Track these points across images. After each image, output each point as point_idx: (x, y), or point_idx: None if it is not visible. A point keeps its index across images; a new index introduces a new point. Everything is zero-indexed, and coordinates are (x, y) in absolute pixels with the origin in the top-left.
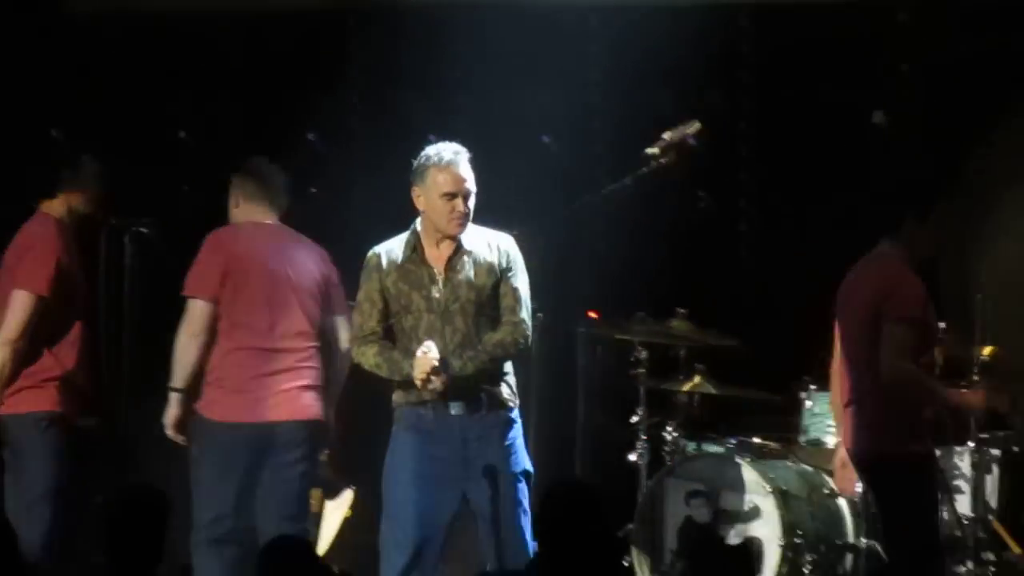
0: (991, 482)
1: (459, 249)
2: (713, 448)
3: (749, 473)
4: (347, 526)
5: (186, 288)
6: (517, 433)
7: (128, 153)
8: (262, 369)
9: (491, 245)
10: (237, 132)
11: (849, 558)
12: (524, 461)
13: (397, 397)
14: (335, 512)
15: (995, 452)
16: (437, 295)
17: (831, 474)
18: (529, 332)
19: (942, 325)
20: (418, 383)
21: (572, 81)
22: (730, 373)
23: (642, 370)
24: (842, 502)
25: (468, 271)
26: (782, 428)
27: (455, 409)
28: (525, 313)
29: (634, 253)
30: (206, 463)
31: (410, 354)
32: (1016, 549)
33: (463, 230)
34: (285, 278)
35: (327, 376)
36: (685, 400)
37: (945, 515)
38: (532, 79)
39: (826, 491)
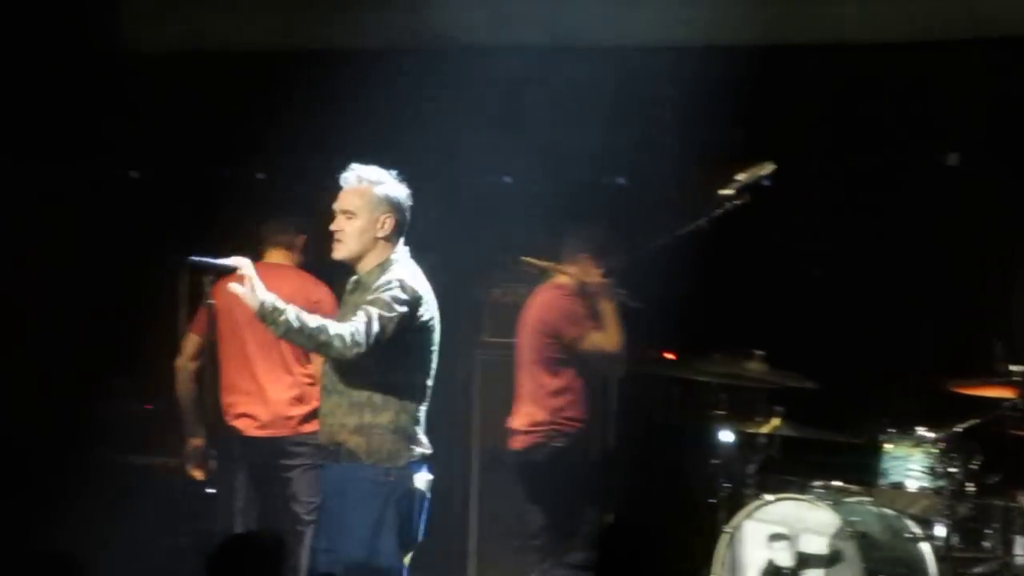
0: None
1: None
2: (793, 491)
3: (831, 516)
4: None
5: None
6: (366, 493)
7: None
8: None
9: (392, 280)
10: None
11: None
12: (363, 528)
13: None
14: None
15: None
16: None
17: (913, 518)
18: (349, 340)
19: None
20: None
21: (644, 122)
22: (808, 415)
23: (720, 412)
24: (925, 546)
25: (349, 296)
26: (861, 471)
27: (323, 457)
28: (357, 327)
29: (709, 294)
30: None
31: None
32: None
33: (338, 251)
34: None
35: None
36: (764, 442)
37: None
38: (603, 119)
39: (908, 535)
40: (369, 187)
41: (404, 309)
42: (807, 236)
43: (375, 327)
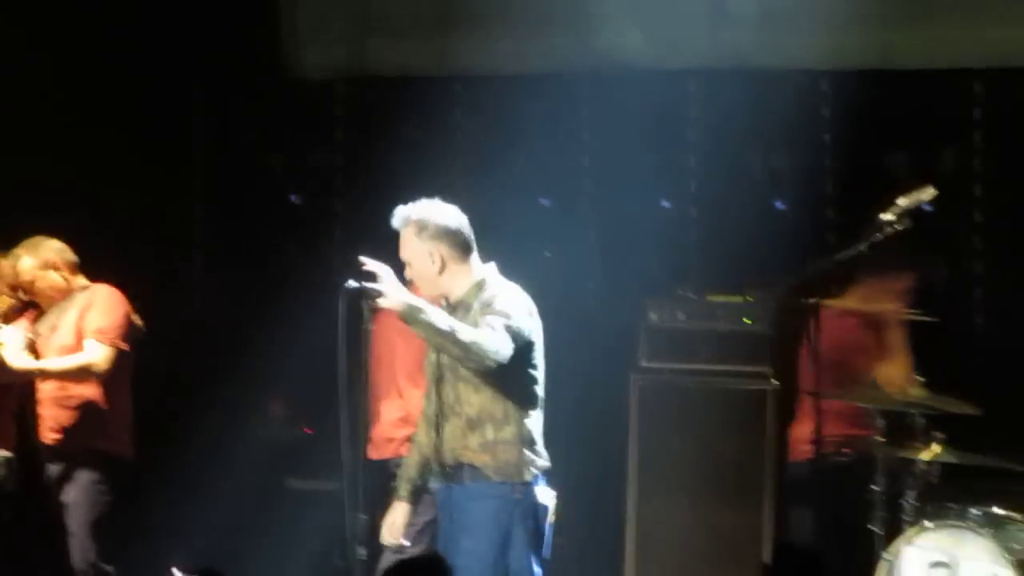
0: None
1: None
2: (953, 518)
3: (991, 543)
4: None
5: None
6: (495, 511)
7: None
8: None
9: (495, 296)
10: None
11: None
12: (489, 546)
13: None
14: None
15: None
16: None
17: None
18: (491, 346)
19: None
20: None
21: (804, 145)
22: (969, 441)
23: (879, 438)
24: None
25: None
26: (1022, 498)
27: (440, 478)
28: (495, 335)
29: None
30: None
31: None
32: None
33: (423, 296)
34: None
35: None
36: (924, 468)
37: None
38: (764, 143)
39: None
40: (408, 230)
41: (520, 321)
42: (967, 258)
43: (507, 336)
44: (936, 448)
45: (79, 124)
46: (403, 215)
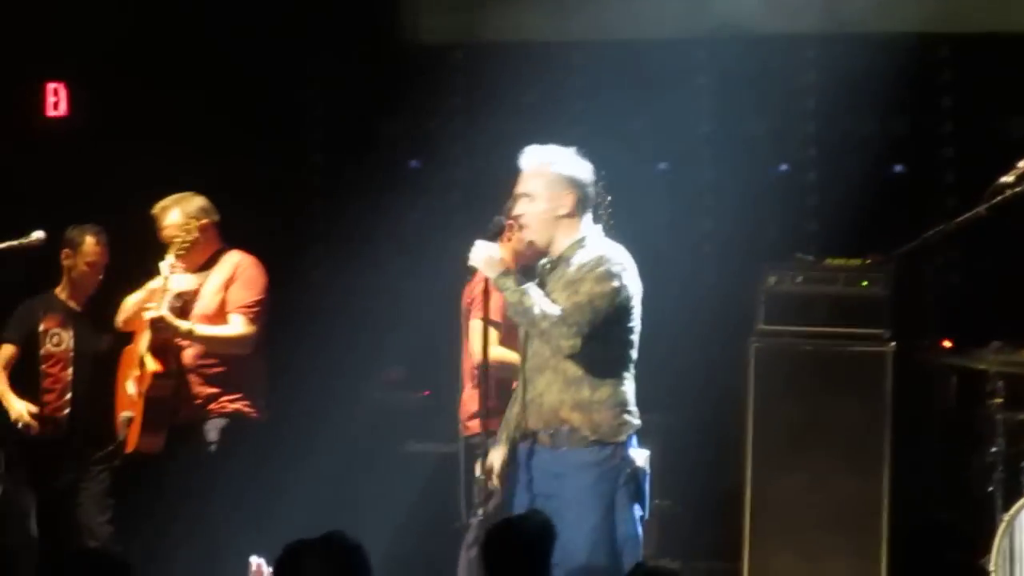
0: None
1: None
2: None
3: None
4: None
5: None
6: (596, 479)
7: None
8: None
9: (594, 257)
10: None
11: None
12: (596, 514)
13: None
14: None
15: None
16: None
17: None
18: (568, 331)
19: None
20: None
21: (922, 109)
22: None
23: (998, 400)
24: None
25: (548, 276)
26: None
27: (539, 439)
28: (578, 319)
29: (989, 281)
30: None
31: None
32: None
33: (527, 235)
34: None
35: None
36: None
37: None
38: (882, 107)
39: None
40: (546, 167)
41: (615, 283)
42: None
43: (590, 314)
44: None
45: (198, 91)
46: (540, 152)
